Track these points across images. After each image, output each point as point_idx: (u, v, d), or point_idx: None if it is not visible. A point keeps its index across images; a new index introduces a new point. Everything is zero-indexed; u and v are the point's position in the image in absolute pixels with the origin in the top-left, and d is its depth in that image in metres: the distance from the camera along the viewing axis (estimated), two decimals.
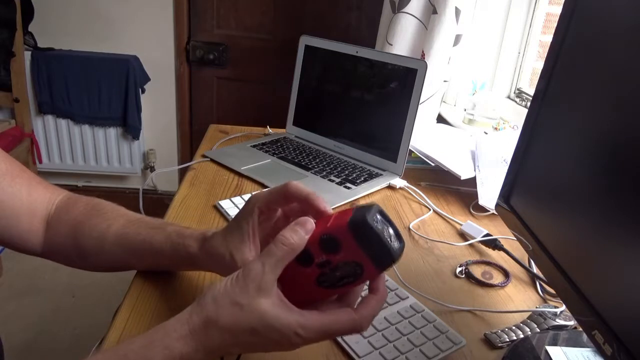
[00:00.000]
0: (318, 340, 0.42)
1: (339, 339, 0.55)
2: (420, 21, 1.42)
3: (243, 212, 0.48)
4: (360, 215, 0.39)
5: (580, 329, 0.59)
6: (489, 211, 0.91)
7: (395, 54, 1.27)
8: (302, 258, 0.42)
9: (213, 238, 0.51)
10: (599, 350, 0.43)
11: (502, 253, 0.78)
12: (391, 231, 0.41)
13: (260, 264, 0.40)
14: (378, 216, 0.41)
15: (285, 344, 0.41)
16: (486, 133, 1.27)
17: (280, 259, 0.41)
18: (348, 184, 0.96)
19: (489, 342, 0.58)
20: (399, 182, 0.99)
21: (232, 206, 0.83)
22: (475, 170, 0.99)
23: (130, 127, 2.16)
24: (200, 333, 0.40)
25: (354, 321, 0.41)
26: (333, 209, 0.57)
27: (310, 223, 0.42)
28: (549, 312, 0.62)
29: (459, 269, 0.73)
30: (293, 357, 0.53)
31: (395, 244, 0.41)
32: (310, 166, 1.02)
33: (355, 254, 0.40)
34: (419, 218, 0.88)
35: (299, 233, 0.41)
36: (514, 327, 0.60)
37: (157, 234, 0.56)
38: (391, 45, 1.45)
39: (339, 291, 0.44)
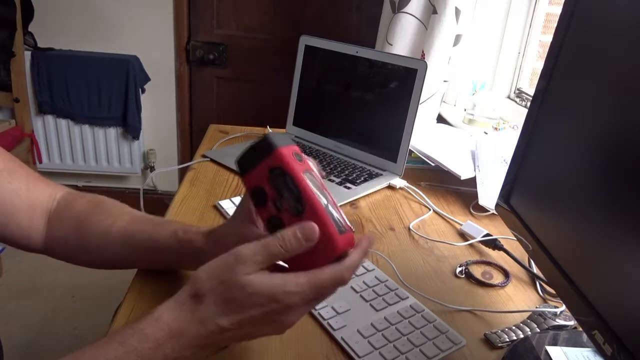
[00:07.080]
0: (311, 299, 0.42)
1: (340, 340, 0.55)
2: (420, 21, 1.42)
3: (245, 197, 0.51)
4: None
5: (580, 329, 0.59)
6: (489, 211, 0.91)
7: (395, 54, 1.27)
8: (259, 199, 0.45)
9: (220, 228, 0.53)
10: (599, 350, 0.43)
11: (502, 253, 0.78)
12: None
13: (252, 252, 0.41)
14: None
15: (277, 310, 0.40)
16: (486, 133, 1.27)
17: (272, 256, 0.41)
18: (348, 184, 0.95)
19: (489, 342, 0.58)
20: (399, 182, 0.99)
21: (232, 206, 0.83)
22: (475, 170, 0.99)
23: (130, 127, 2.16)
24: (189, 304, 0.41)
25: (337, 270, 0.42)
26: None
27: (314, 231, 0.41)
28: (549, 312, 0.62)
29: (459, 269, 0.73)
30: (294, 356, 0.53)
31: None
32: None
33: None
34: (419, 218, 0.88)
35: (299, 241, 0.41)
36: (514, 327, 0.60)
37: (162, 231, 0.57)
38: (391, 45, 1.45)
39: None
